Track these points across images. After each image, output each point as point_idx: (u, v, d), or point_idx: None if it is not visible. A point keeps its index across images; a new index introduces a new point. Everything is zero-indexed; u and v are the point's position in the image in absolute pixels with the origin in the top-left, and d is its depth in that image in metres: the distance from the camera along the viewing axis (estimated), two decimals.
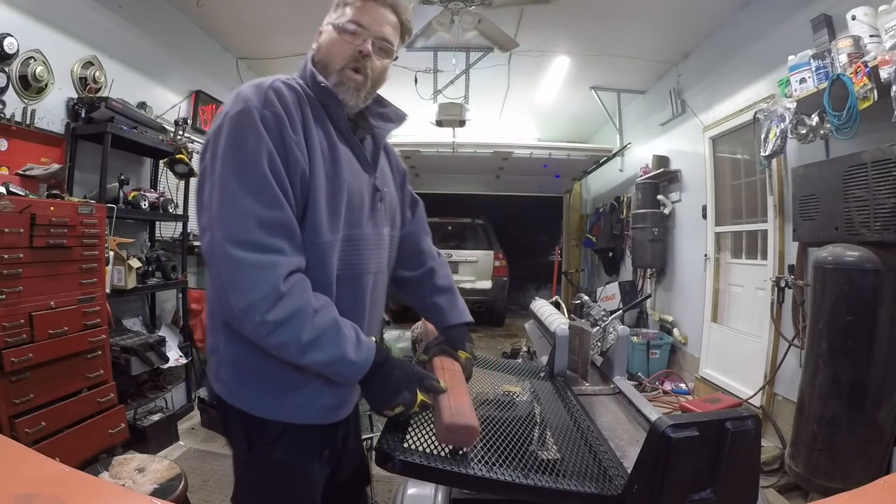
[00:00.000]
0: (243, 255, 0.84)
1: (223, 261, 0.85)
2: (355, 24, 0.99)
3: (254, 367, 0.96)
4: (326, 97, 0.99)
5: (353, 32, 1.00)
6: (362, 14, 1.00)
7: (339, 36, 1.00)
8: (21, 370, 1.94)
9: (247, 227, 0.85)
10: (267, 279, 0.84)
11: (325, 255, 0.95)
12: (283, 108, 0.91)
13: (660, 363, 4.27)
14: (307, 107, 0.97)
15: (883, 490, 0.74)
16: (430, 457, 0.85)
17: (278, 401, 0.96)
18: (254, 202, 0.86)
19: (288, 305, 0.85)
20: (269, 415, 0.97)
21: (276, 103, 0.91)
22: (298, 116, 0.94)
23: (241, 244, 0.84)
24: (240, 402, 0.98)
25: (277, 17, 3.71)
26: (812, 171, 2.50)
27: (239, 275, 0.84)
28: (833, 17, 2.50)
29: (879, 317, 2.01)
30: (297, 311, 0.86)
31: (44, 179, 2.35)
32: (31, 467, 0.67)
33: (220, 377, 1.00)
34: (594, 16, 3.65)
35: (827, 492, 2.04)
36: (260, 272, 0.84)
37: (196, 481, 2.44)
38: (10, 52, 2.32)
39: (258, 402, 0.97)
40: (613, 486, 0.84)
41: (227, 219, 0.86)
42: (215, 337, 1.00)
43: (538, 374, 1.47)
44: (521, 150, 6.11)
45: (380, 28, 1.01)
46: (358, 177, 1.03)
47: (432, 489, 1.20)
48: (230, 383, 0.99)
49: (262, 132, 0.88)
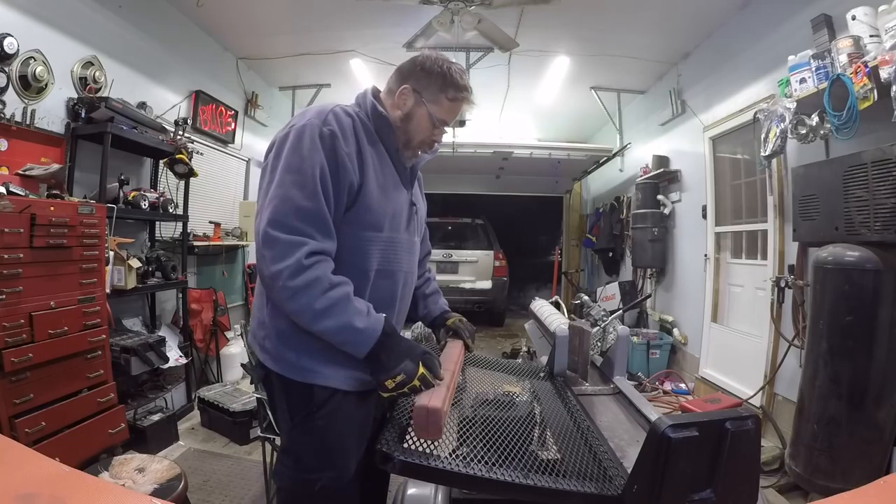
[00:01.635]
0: (278, 235, 1.01)
1: (263, 237, 1.02)
2: (443, 123, 1.23)
3: (295, 337, 1.09)
4: (382, 125, 1.19)
5: (439, 128, 1.24)
6: (453, 112, 1.23)
7: (429, 122, 1.21)
8: (21, 370, 1.94)
9: (286, 213, 1.02)
10: (293, 254, 0.99)
11: (369, 247, 1.13)
12: (340, 127, 1.11)
13: (660, 363, 4.27)
14: (361, 130, 1.16)
15: (883, 490, 0.74)
16: (430, 457, 0.85)
17: (318, 368, 1.09)
18: (296, 193, 1.03)
19: (307, 276, 1.00)
20: (310, 379, 1.09)
21: (332, 123, 1.11)
22: (352, 135, 1.13)
23: (279, 225, 1.02)
24: (283, 369, 1.11)
25: (277, 17, 3.71)
26: (812, 171, 2.50)
27: (271, 249, 1.01)
28: (833, 17, 2.50)
29: (879, 317, 2.01)
30: (314, 281, 1.00)
31: (44, 179, 2.35)
32: (31, 467, 0.67)
33: (266, 347, 1.14)
34: (594, 16, 3.65)
35: (827, 492, 2.04)
36: (289, 248, 1.00)
37: (196, 481, 2.44)
38: (10, 52, 2.32)
39: (299, 369, 1.10)
40: (613, 486, 0.84)
41: (273, 204, 1.04)
42: (261, 312, 1.16)
43: (538, 374, 1.47)
44: (521, 150, 6.11)
45: (453, 120, 1.27)
46: (400, 191, 1.24)
47: (432, 489, 1.20)
48: (274, 352, 1.13)
49: (318, 143, 1.07)
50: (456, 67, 1.23)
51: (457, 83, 1.21)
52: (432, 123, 1.22)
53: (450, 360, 1.18)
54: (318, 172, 1.05)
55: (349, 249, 1.12)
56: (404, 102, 1.21)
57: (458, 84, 1.21)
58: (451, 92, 1.21)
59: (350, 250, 1.12)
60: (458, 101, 1.23)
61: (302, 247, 1.01)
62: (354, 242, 1.12)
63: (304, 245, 1.01)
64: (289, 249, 1.00)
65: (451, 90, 1.20)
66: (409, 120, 1.21)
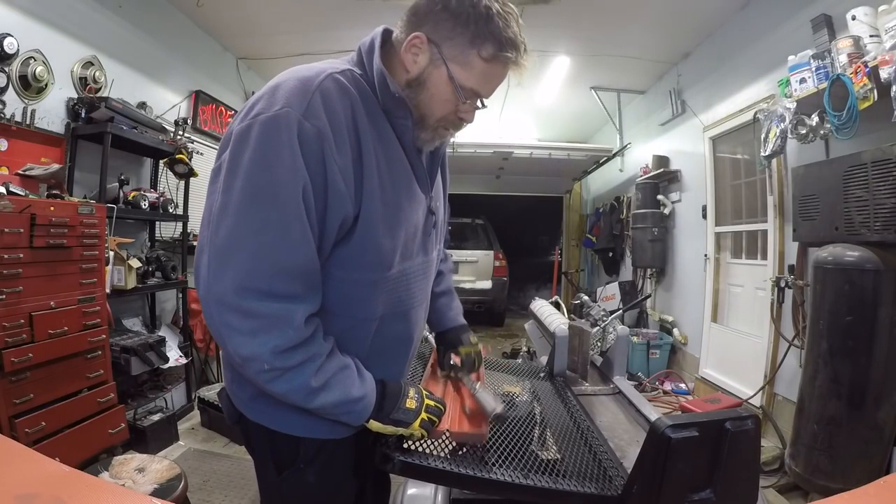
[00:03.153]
0: (254, 306, 0.73)
1: (223, 305, 0.73)
2: (474, 94, 0.86)
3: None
4: (395, 106, 0.84)
5: (468, 104, 0.86)
6: (490, 80, 0.85)
7: (449, 91, 0.83)
8: (21, 370, 1.94)
9: (262, 275, 0.73)
10: (279, 330, 0.74)
11: (371, 293, 0.85)
12: (331, 120, 0.75)
13: (660, 363, 4.27)
14: (362, 111, 0.80)
15: (883, 490, 0.74)
16: (430, 457, 0.85)
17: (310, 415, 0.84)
18: (274, 243, 0.73)
19: (302, 354, 0.76)
20: (301, 432, 0.88)
21: (321, 114, 0.75)
22: (348, 132, 0.78)
23: (253, 293, 0.73)
24: (265, 419, 0.88)
25: (277, 17, 3.71)
26: (812, 171, 2.50)
27: (246, 323, 0.73)
28: (833, 17, 2.50)
29: (879, 317, 2.01)
30: (311, 358, 0.77)
31: (44, 179, 2.35)
32: (31, 467, 0.67)
33: (238, 393, 0.91)
34: (594, 16, 3.65)
35: (827, 492, 2.04)
36: (273, 323, 0.74)
37: (196, 481, 2.44)
38: (10, 52, 2.32)
39: (287, 419, 0.86)
40: (613, 487, 0.84)
41: (239, 260, 0.73)
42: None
43: (538, 374, 1.47)
44: (521, 150, 6.11)
45: (493, 92, 0.89)
46: (415, 202, 0.90)
47: (432, 489, 1.20)
48: (253, 399, 0.89)
49: (298, 151, 0.73)
50: (501, 9, 0.80)
51: (499, 33, 0.79)
52: (455, 94, 0.83)
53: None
54: (300, 199, 0.73)
55: (343, 298, 0.83)
56: (414, 59, 0.82)
57: (502, 36, 0.79)
58: (490, 48, 0.80)
59: (343, 299, 0.83)
60: (500, 64, 0.82)
61: (291, 318, 0.74)
62: (349, 289, 0.83)
63: (293, 314, 0.75)
64: (272, 325, 0.73)
65: (490, 45, 0.79)
66: (419, 87, 0.83)
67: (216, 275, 0.74)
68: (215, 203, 0.76)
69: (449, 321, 1.21)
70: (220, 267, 0.74)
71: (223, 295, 0.73)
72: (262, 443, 0.92)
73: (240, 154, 0.75)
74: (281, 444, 0.90)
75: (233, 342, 0.75)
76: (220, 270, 0.74)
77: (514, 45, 0.81)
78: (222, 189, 0.76)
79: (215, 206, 0.76)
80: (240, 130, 0.76)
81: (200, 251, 0.78)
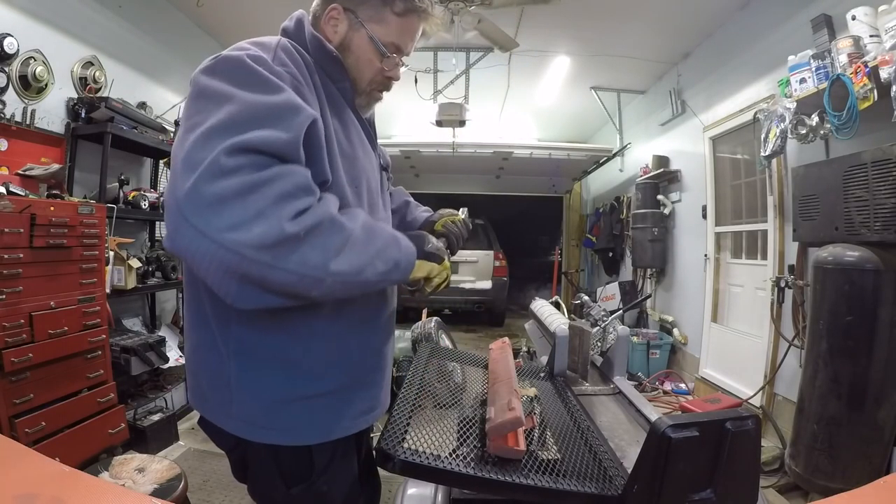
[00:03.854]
0: (239, 161, 0.62)
1: (207, 180, 0.61)
2: (396, 49, 0.90)
3: (284, 390, 0.83)
4: (334, 68, 0.88)
5: (392, 59, 0.90)
6: (407, 32, 0.90)
7: (373, 51, 0.89)
8: (21, 370, 1.94)
9: (246, 123, 0.65)
10: (283, 186, 0.65)
11: None
12: (299, 70, 0.77)
13: (660, 363, 4.27)
14: (316, 75, 0.83)
15: (883, 490, 0.74)
16: (430, 457, 0.85)
17: (317, 420, 0.85)
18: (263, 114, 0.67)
19: (319, 210, 0.68)
20: (312, 439, 0.86)
21: (289, 63, 0.76)
22: (312, 85, 0.80)
23: (239, 149, 0.63)
24: (272, 436, 0.85)
25: (277, 17, 3.66)
26: (812, 171, 2.50)
27: (238, 186, 0.62)
28: (833, 17, 2.50)
29: (879, 317, 2.01)
30: (328, 215, 0.70)
31: (44, 179, 2.35)
32: (31, 467, 0.67)
33: (237, 414, 0.85)
34: (594, 16, 3.66)
35: (827, 492, 2.04)
36: (274, 180, 0.64)
37: (196, 481, 2.44)
38: (10, 52, 2.32)
39: (300, 431, 0.85)
40: (613, 486, 0.83)
41: (215, 135, 0.63)
42: (221, 365, 0.83)
43: (538, 374, 1.46)
44: (521, 150, 6.11)
45: (412, 46, 0.93)
46: (370, 155, 0.94)
47: (432, 489, 1.20)
48: (254, 418, 0.84)
49: (279, 83, 0.71)
50: None
51: None
52: (379, 53, 0.89)
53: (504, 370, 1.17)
54: (302, 124, 0.70)
55: None
56: (335, 29, 0.89)
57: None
58: (399, 3, 0.87)
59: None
60: (413, 16, 0.89)
61: (294, 175, 0.66)
62: None
63: (295, 173, 0.67)
64: (273, 182, 0.63)
65: (400, 1, 0.87)
66: (346, 52, 0.89)
67: (185, 170, 0.62)
68: (178, 137, 0.69)
69: (421, 217, 1.22)
70: (197, 153, 0.62)
71: (206, 169, 0.61)
72: (266, 464, 0.88)
73: (211, 85, 0.69)
74: (289, 460, 0.87)
75: (233, 231, 0.60)
76: (199, 156, 0.62)
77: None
78: (189, 114, 0.68)
79: (178, 137, 0.68)
80: (204, 68, 0.73)
81: (172, 182, 0.65)
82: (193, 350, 0.91)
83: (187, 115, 0.69)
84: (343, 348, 0.89)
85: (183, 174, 0.61)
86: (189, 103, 0.71)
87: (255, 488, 0.95)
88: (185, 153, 0.63)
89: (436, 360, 1.36)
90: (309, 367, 0.86)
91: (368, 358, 0.96)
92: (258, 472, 0.91)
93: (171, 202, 0.62)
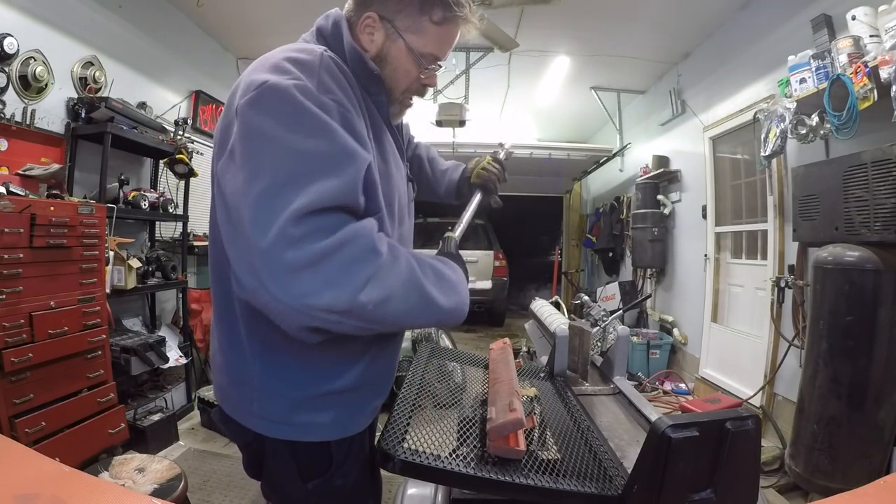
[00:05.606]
0: (317, 228, 0.64)
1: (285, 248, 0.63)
2: (434, 59, 0.89)
3: (304, 389, 0.85)
4: (372, 83, 0.86)
5: (429, 69, 0.89)
6: (446, 40, 0.88)
7: (411, 61, 0.87)
8: (21, 370, 1.94)
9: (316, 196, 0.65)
10: (360, 246, 0.67)
11: None
12: (344, 94, 0.75)
13: (660, 363, 4.27)
14: (357, 89, 0.81)
15: (883, 490, 0.74)
16: (430, 457, 0.85)
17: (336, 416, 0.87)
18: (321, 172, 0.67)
19: (391, 261, 0.70)
20: (332, 435, 0.88)
21: (334, 89, 0.74)
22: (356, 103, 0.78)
23: (309, 218, 0.64)
24: (294, 433, 0.87)
25: (277, 17, 3.71)
26: (812, 171, 2.50)
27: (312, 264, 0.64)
28: (833, 18, 2.50)
29: (879, 317, 2.01)
30: (398, 256, 0.72)
31: (44, 179, 2.35)
32: (31, 467, 0.67)
33: (258, 412, 0.87)
34: (594, 16, 3.66)
35: (827, 492, 2.04)
36: (344, 243, 0.66)
37: (196, 481, 2.44)
38: (10, 52, 2.32)
39: (321, 427, 0.86)
40: (613, 486, 0.83)
41: (283, 198, 0.65)
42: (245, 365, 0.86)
43: (538, 374, 1.46)
44: (521, 150, 6.10)
45: (449, 53, 0.92)
46: (400, 171, 0.95)
47: (432, 489, 1.20)
48: (276, 415, 0.86)
49: (328, 119, 0.69)
50: None
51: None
52: (417, 63, 0.87)
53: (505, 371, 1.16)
54: (358, 170, 0.70)
55: None
56: (371, 38, 0.86)
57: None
58: (439, 12, 0.84)
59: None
60: (452, 24, 0.86)
61: (360, 239, 0.67)
62: None
63: (362, 235, 0.68)
64: (341, 249, 0.65)
65: (438, 9, 0.84)
66: (383, 62, 0.87)
67: (257, 230, 0.64)
68: (237, 182, 0.68)
69: (458, 175, 1.29)
70: (264, 215, 0.64)
71: (278, 239, 0.62)
72: (284, 460, 0.89)
73: (259, 123, 0.69)
74: (308, 456, 0.88)
75: (307, 297, 0.63)
76: (267, 218, 0.64)
77: (460, 3, 0.85)
78: (242, 162, 0.68)
79: (238, 183, 0.68)
80: (250, 101, 0.70)
81: (231, 243, 0.69)
82: (219, 348, 0.93)
83: (243, 155, 0.69)
84: (360, 349, 0.91)
85: (253, 231, 0.64)
86: (242, 142, 0.70)
87: (270, 483, 0.96)
88: (252, 210, 0.65)
89: (436, 360, 1.36)
90: (329, 366, 0.87)
91: (382, 357, 0.98)
92: (275, 467, 0.92)
93: (245, 260, 0.66)
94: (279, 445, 0.88)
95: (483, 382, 1.27)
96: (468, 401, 1.19)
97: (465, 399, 1.21)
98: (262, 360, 0.85)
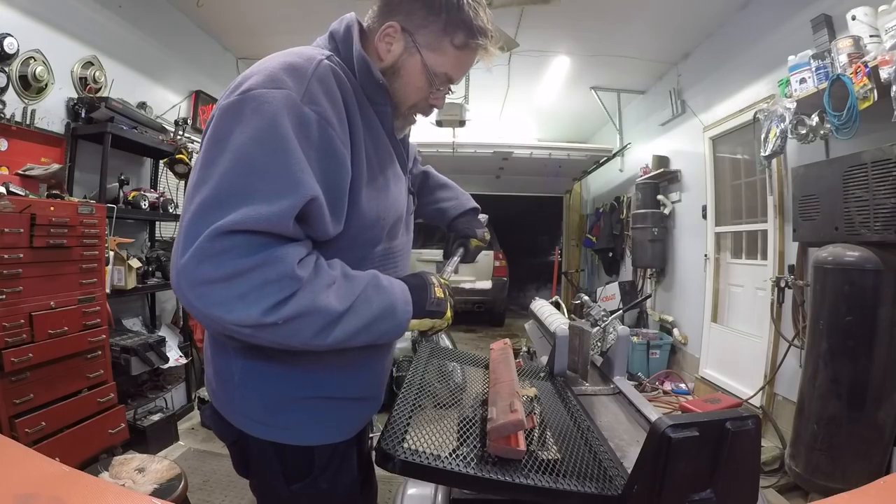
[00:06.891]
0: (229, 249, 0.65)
1: (199, 259, 0.65)
2: (447, 80, 0.88)
3: (287, 390, 0.85)
4: (377, 93, 0.85)
5: (440, 89, 0.89)
6: (462, 65, 0.87)
7: (423, 79, 0.86)
8: (21, 370, 1.94)
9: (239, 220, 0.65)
10: (270, 273, 0.66)
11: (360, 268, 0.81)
12: (332, 105, 0.74)
13: (660, 363, 4.27)
14: (352, 97, 0.79)
15: (883, 490, 0.74)
16: (430, 457, 0.85)
17: (319, 422, 0.87)
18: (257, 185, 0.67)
19: (305, 296, 0.69)
20: (317, 440, 0.87)
21: (321, 100, 0.72)
22: (343, 115, 0.77)
23: (222, 235, 0.65)
24: (273, 433, 0.86)
25: (277, 17, 3.71)
26: (812, 171, 2.50)
27: (224, 276, 0.65)
28: (833, 18, 2.50)
29: (879, 317, 2.01)
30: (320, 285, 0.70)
31: (44, 179, 2.35)
32: (31, 467, 0.67)
33: (238, 409, 0.87)
34: (594, 16, 3.65)
35: (827, 492, 2.04)
36: (264, 265, 0.66)
37: (196, 481, 2.44)
38: (10, 52, 2.32)
39: (302, 431, 0.86)
40: (613, 486, 0.83)
41: (210, 217, 0.65)
42: (227, 366, 0.86)
43: (538, 374, 1.46)
44: (521, 150, 6.11)
45: (462, 77, 0.91)
46: (400, 183, 0.93)
47: (432, 489, 1.20)
48: (256, 414, 0.86)
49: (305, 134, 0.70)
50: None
51: (470, 22, 0.83)
52: (429, 81, 0.86)
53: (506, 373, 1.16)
54: (295, 203, 0.68)
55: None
56: (388, 48, 0.85)
57: (472, 24, 0.83)
58: (461, 36, 0.83)
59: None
60: (471, 51, 0.86)
61: (279, 264, 0.67)
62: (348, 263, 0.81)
63: (281, 261, 0.67)
64: (255, 270, 0.65)
65: (462, 33, 0.83)
66: (395, 75, 0.85)
67: (184, 244, 0.65)
68: (192, 181, 0.70)
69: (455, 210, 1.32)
70: (193, 229, 0.65)
71: (195, 251, 0.64)
72: (268, 460, 0.89)
73: (227, 130, 0.68)
74: (292, 458, 0.88)
75: (216, 308, 0.65)
76: (195, 230, 0.65)
77: (484, 33, 0.85)
78: (201, 164, 0.69)
79: (192, 183, 0.69)
80: (228, 105, 0.70)
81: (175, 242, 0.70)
82: (207, 344, 0.96)
83: (203, 156, 0.70)
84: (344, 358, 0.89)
85: (182, 243, 0.66)
86: (207, 142, 0.71)
87: (256, 482, 0.96)
88: (186, 222, 0.67)
89: (436, 360, 1.36)
90: (310, 371, 0.87)
91: (368, 368, 0.97)
92: (259, 466, 0.92)
93: (172, 268, 0.68)
94: (265, 445, 0.88)
95: (483, 382, 1.27)
96: (468, 401, 1.19)
97: (466, 399, 1.21)
98: (242, 357, 0.85)
